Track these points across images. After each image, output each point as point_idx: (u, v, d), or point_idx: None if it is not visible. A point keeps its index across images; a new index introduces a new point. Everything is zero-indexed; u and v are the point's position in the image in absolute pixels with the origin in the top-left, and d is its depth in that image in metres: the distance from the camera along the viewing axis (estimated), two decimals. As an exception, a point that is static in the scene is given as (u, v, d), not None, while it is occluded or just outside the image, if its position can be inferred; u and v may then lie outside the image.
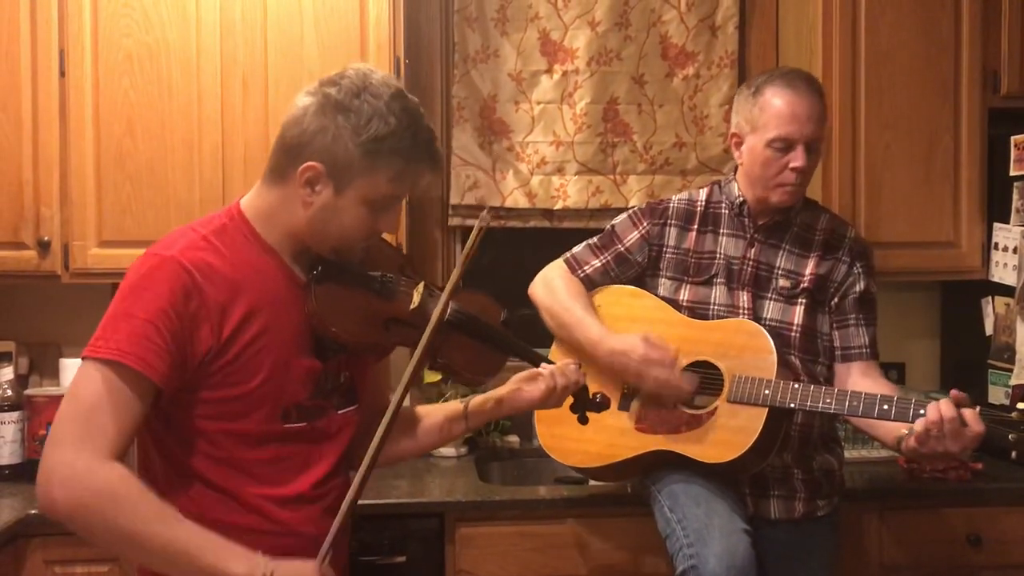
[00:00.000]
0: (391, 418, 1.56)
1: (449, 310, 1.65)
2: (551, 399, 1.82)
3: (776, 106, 2.11)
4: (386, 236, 1.76)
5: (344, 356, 1.68)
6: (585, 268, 2.31)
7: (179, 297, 1.48)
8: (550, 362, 1.85)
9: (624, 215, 2.34)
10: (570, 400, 1.87)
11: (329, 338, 1.62)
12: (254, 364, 1.54)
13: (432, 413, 1.88)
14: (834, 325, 2.21)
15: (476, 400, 1.86)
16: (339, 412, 1.68)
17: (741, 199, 2.24)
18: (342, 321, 1.60)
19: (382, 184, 1.56)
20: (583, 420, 1.91)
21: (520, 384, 1.84)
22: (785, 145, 2.10)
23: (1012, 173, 2.69)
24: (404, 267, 1.74)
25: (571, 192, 3.01)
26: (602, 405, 1.88)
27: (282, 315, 1.58)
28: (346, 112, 1.53)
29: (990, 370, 2.76)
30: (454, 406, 1.87)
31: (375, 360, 1.80)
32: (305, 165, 1.54)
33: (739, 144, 2.21)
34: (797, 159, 2.10)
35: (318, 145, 1.54)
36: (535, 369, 1.83)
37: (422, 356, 1.59)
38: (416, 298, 1.67)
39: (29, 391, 2.58)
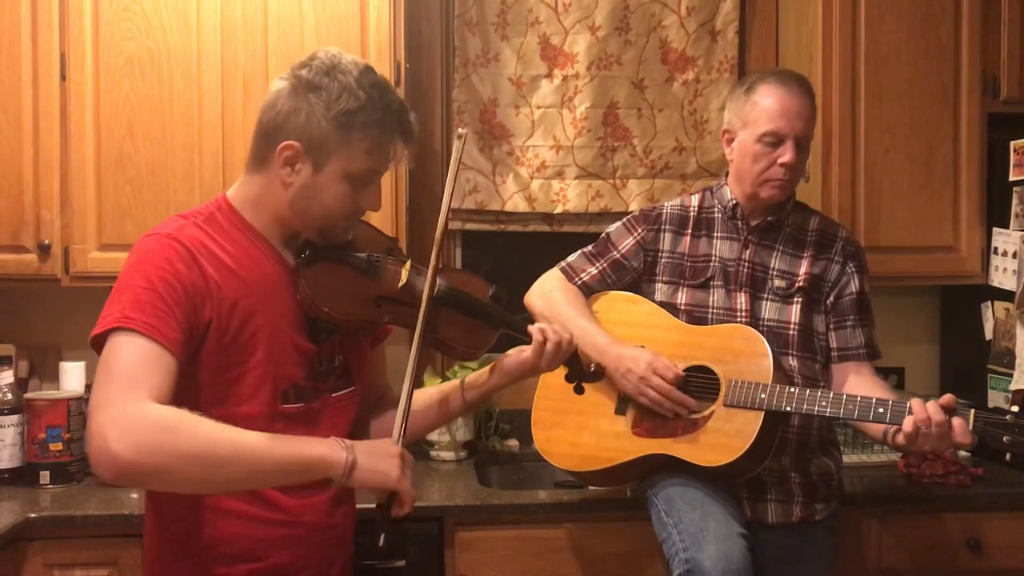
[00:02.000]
0: (409, 391, 1.61)
1: (438, 286, 1.69)
2: (544, 358, 1.81)
3: (768, 102, 2.15)
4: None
5: (338, 338, 1.71)
6: (582, 276, 2.32)
7: (179, 267, 1.51)
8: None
9: (618, 223, 2.37)
10: (565, 371, 1.89)
11: (322, 319, 1.65)
12: (251, 345, 1.57)
13: (426, 394, 1.89)
14: (831, 326, 2.22)
15: (472, 374, 1.88)
16: (334, 395, 1.70)
17: (733, 202, 2.25)
18: (333, 301, 1.64)
19: (359, 157, 1.59)
20: (579, 390, 1.92)
21: (512, 353, 1.85)
22: (775, 140, 2.14)
23: (1012, 178, 2.70)
24: (391, 248, 1.78)
25: (571, 196, 3.01)
26: (597, 375, 1.90)
27: (275, 299, 1.61)
28: (317, 90, 1.57)
29: (990, 375, 2.76)
30: (449, 383, 1.90)
31: (370, 344, 1.82)
32: (283, 144, 1.58)
33: (730, 140, 2.25)
34: (786, 154, 2.13)
35: (293, 125, 1.58)
36: (526, 345, 1.84)
37: (423, 327, 1.63)
38: (404, 275, 1.71)
39: (29, 394, 2.58)
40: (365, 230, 1.75)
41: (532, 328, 1.82)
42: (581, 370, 1.88)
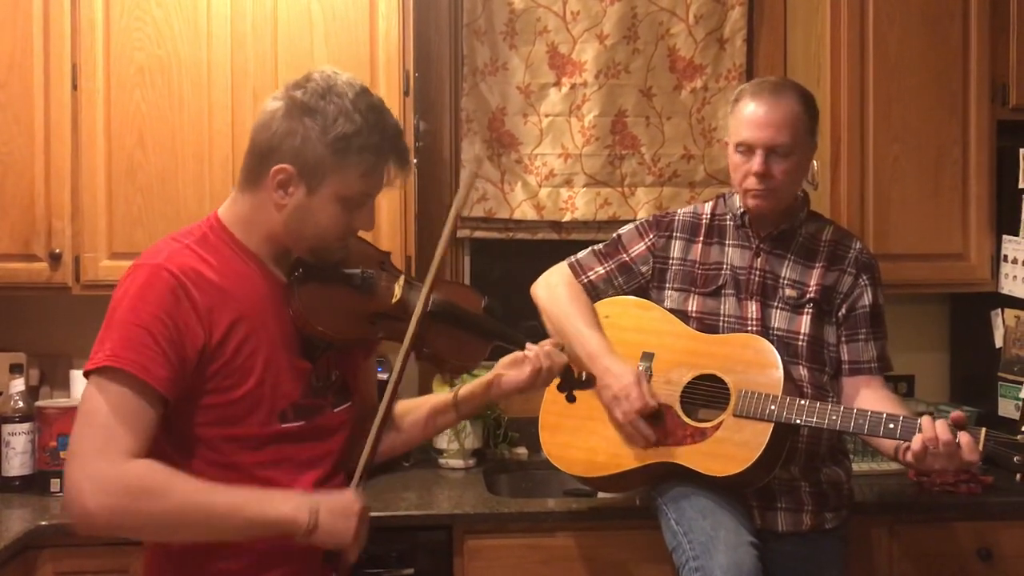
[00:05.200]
0: (386, 408, 1.62)
1: (432, 302, 1.68)
2: (538, 380, 1.83)
3: (741, 113, 2.17)
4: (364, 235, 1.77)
5: (333, 354, 1.71)
6: (588, 274, 2.32)
7: (170, 302, 1.50)
8: (534, 342, 1.86)
9: (631, 225, 2.37)
10: (557, 380, 1.89)
11: (316, 337, 1.65)
12: (247, 366, 1.57)
13: (417, 406, 1.89)
14: (843, 338, 2.21)
15: (465, 388, 1.88)
16: (335, 410, 1.70)
17: (742, 210, 2.26)
18: (327, 319, 1.63)
19: (354, 181, 1.59)
20: (571, 399, 1.92)
21: (506, 369, 1.86)
22: (746, 149, 2.15)
23: (1021, 185, 2.69)
24: (384, 263, 1.77)
25: (579, 204, 3.02)
26: (588, 383, 1.90)
27: (269, 318, 1.61)
28: (312, 113, 1.56)
29: (1000, 383, 2.75)
30: (441, 396, 1.89)
31: (364, 357, 1.82)
32: (276, 168, 1.57)
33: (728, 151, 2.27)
34: (755, 164, 2.13)
35: (287, 148, 1.57)
36: (520, 352, 1.84)
37: (410, 346, 1.63)
38: (398, 291, 1.71)
39: (40, 403, 2.58)
40: (357, 244, 1.74)
41: (530, 352, 1.82)
42: (572, 380, 1.89)
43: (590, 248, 2.37)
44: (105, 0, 2.53)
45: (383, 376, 2.64)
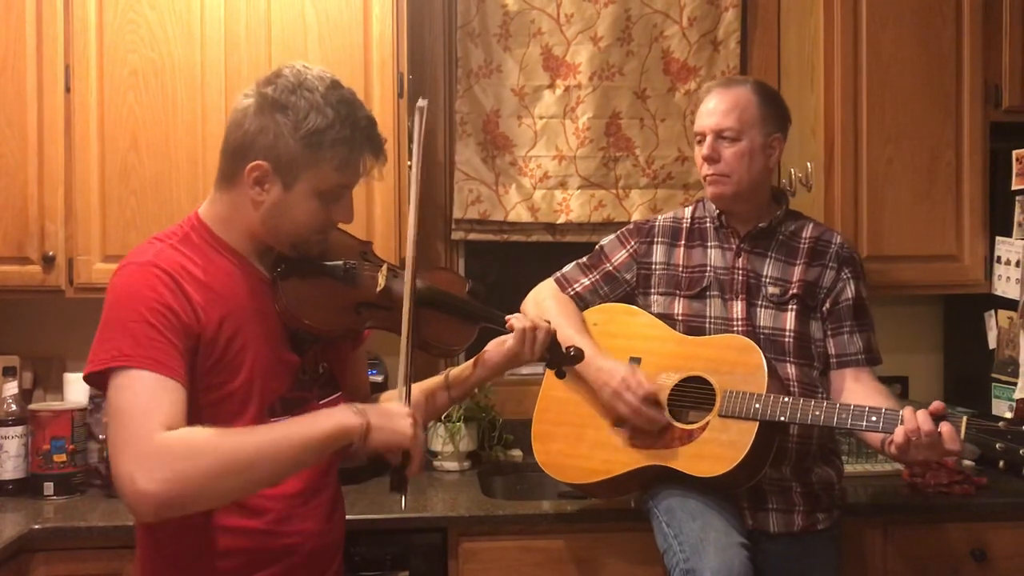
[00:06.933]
0: (408, 356, 1.62)
1: (417, 287, 1.68)
2: (524, 348, 1.82)
3: (699, 109, 2.27)
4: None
5: (320, 347, 1.71)
6: (575, 286, 2.35)
7: (166, 295, 1.51)
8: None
9: (612, 236, 2.40)
10: (548, 362, 1.89)
11: (303, 331, 1.65)
12: (236, 363, 1.57)
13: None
14: (828, 333, 2.22)
15: (456, 368, 1.88)
16: (320, 402, 1.70)
17: (718, 211, 2.28)
18: (313, 313, 1.64)
19: (329, 174, 1.59)
20: (560, 375, 1.93)
21: (493, 346, 1.86)
22: (700, 139, 2.23)
23: (1014, 187, 2.69)
24: (365, 253, 1.78)
25: (574, 206, 3.02)
26: (576, 358, 1.90)
27: (255, 314, 1.61)
28: (283, 109, 1.57)
29: (993, 384, 2.75)
30: (432, 380, 1.89)
31: (352, 348, 1.83)
32: (251, 165, 1.58)
33: None
34: (705, 148, 2.21)
35: (261, 144, 1.57)
36: (506, 335, 1.84)
37: (409, 331, 1.63)
38: (381, 280, 1.71)
39: (33, 406, 2.58)
40: (338, 236, 1.75)
41: (510, 318, 1.82)
42: (560, 353, 1.89)
43: (574, 262, 2.39)
44: (98, 2, 2.53)
45: (377, 379, 2.65)
